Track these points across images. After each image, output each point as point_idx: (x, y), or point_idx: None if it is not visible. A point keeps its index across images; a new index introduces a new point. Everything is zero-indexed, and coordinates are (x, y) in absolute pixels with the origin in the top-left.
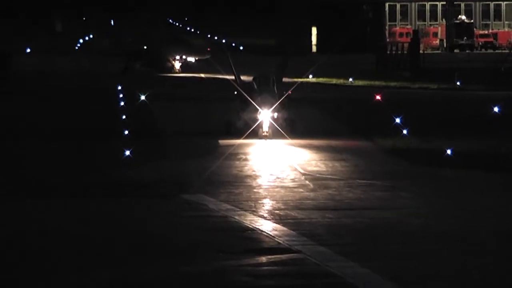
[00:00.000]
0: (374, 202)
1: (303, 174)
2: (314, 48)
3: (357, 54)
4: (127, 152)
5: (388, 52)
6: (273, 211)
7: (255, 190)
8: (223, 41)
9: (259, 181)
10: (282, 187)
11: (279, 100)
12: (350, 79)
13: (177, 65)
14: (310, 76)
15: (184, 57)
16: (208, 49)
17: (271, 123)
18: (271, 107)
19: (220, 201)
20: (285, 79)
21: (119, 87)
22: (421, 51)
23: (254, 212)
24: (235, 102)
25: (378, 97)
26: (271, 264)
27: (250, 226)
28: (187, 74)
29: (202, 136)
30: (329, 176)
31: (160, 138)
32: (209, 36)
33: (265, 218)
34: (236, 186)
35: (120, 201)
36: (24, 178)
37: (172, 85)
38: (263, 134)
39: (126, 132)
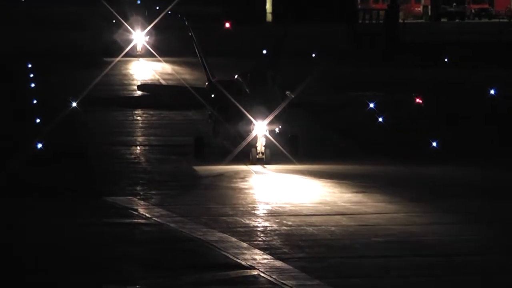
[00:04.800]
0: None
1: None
2: (269, 17)
3: (322, 23)
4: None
5: (360, 21)
6: (218, 217)
7: (195, 191)
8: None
9: (201, 181)
10: (230, 188)
11: (281, 106)
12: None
13: (139, 45)
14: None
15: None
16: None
17: (269, 140)
18: (270, 116)
19: (152, 204)
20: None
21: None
22: (400, 21)
23: (195, 218)
24: (209, 109)
25: (418, 100)
26: (217, 283)
27: (190, 236)
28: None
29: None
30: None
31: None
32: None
33: (208, 225)
34: (173, 186)
35: (26, 203)
36: None
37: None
38: (257, 156)
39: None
